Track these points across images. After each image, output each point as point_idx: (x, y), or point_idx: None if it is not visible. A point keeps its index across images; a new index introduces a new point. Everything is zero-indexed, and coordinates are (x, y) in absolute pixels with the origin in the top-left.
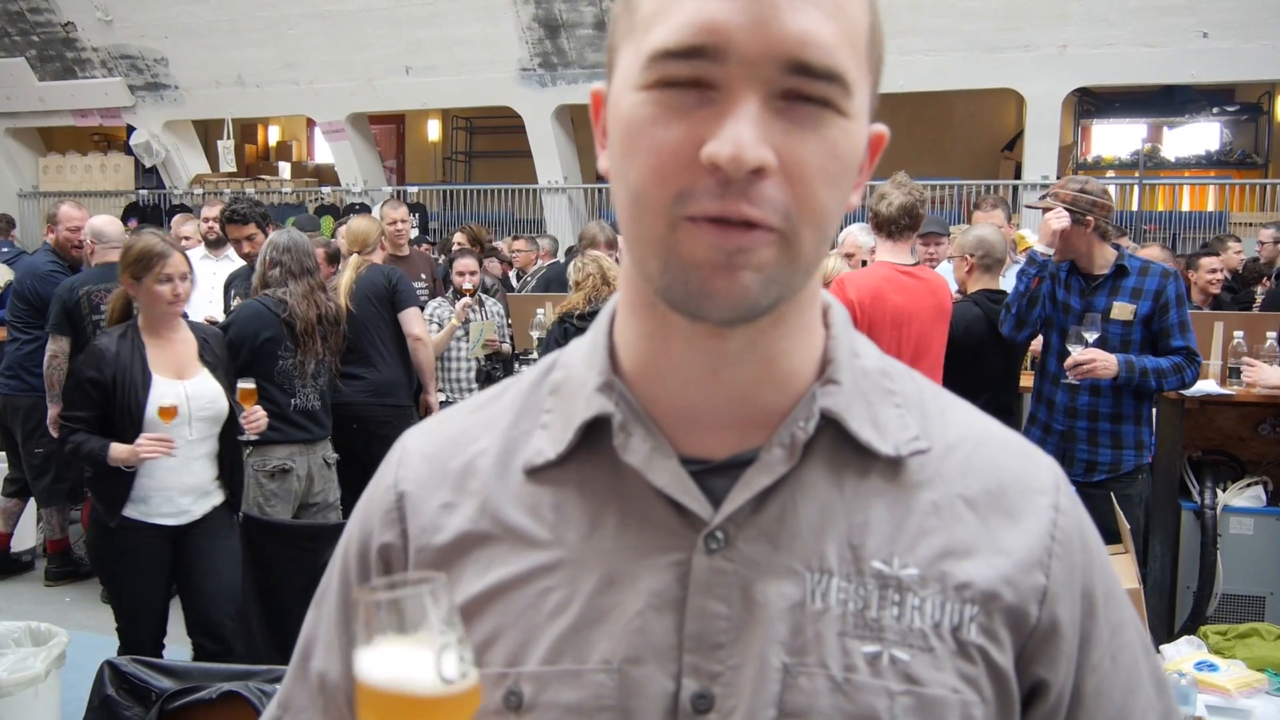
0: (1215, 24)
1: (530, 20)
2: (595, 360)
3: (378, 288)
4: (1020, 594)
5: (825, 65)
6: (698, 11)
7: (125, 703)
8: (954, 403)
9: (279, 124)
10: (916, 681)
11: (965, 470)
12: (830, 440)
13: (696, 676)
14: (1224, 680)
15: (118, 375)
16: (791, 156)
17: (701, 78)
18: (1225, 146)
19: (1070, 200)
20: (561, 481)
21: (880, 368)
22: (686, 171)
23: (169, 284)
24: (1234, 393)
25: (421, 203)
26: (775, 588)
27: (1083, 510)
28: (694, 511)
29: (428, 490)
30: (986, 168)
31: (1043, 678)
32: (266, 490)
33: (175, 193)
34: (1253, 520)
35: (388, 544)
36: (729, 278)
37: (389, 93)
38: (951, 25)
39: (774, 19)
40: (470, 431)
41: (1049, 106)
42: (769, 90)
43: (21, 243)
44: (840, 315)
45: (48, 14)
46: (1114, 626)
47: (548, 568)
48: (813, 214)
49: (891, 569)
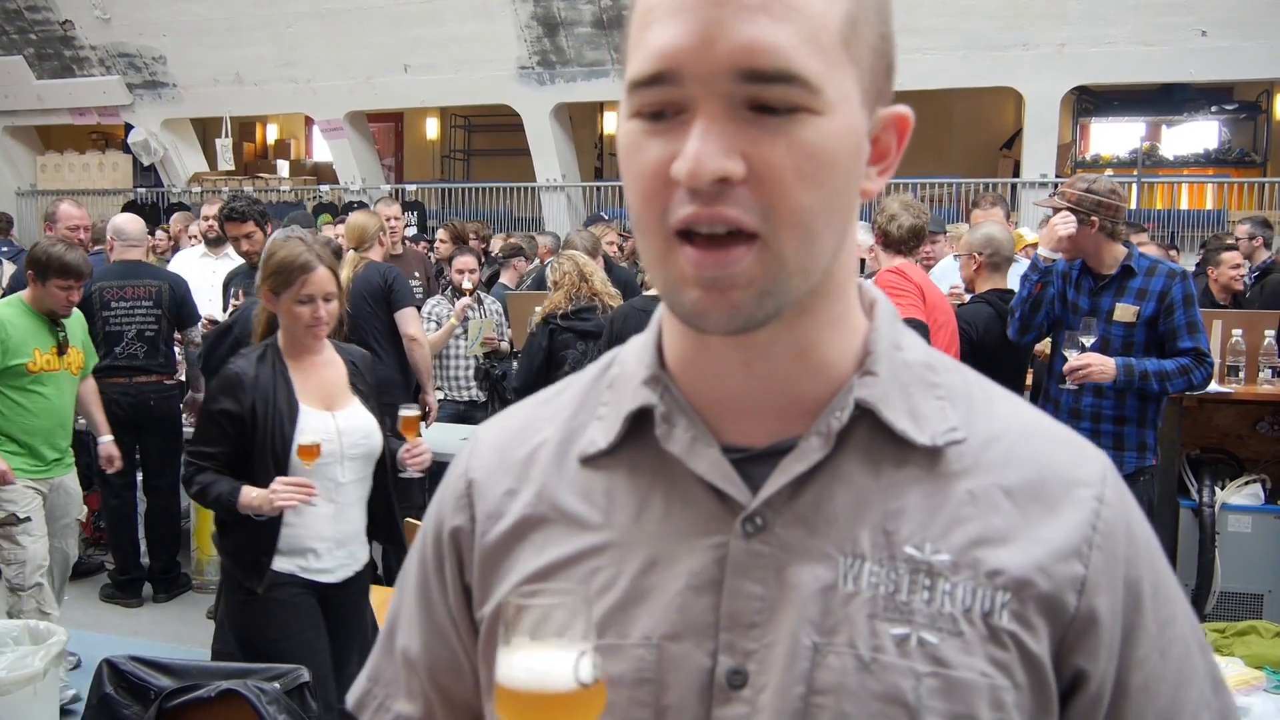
0: (1214, 23)
1: (529, 19)
2: (645, 355)
3: (374, 287)
4: (1056, 583)
5: (776, 69)
6: (655, 40)
7: (124, 701)
8: (1002, 395)
9: (277, 122)
10: (944, 664)
11: (1006, 461)
12: (867, 430)
13: (731, 654)
14: None
15: (258, 405)
16: (761, 161)
17: (670, 101)
18: (1224, 145)
19: (1075, 200)
20: (612, 469)
21: (925, 360)
22: (666, 189)
23: (309, 305)
24: (1232, 391)
25: (420, 201)
26: (809, 570)
27: (1132, 504)
28: (733, 497)
29: (494, 478)
30: (985, 166)
31: (1083, 668)
32: None
33: (173, 191)
34: (1251, 518)
35: (458, 527)
36: (719, 298)
37: (387, 91)
38: (950, 24)
39: (721, 35)
40: (535, 423)
41: (1048, 105)
42: (731, 101)
43: (20, 241)
44: (885, 310)
45: (45, 12)
46: (1163, 621)
47: (597, 549)
48: (791, 214)
49: (923, 554)
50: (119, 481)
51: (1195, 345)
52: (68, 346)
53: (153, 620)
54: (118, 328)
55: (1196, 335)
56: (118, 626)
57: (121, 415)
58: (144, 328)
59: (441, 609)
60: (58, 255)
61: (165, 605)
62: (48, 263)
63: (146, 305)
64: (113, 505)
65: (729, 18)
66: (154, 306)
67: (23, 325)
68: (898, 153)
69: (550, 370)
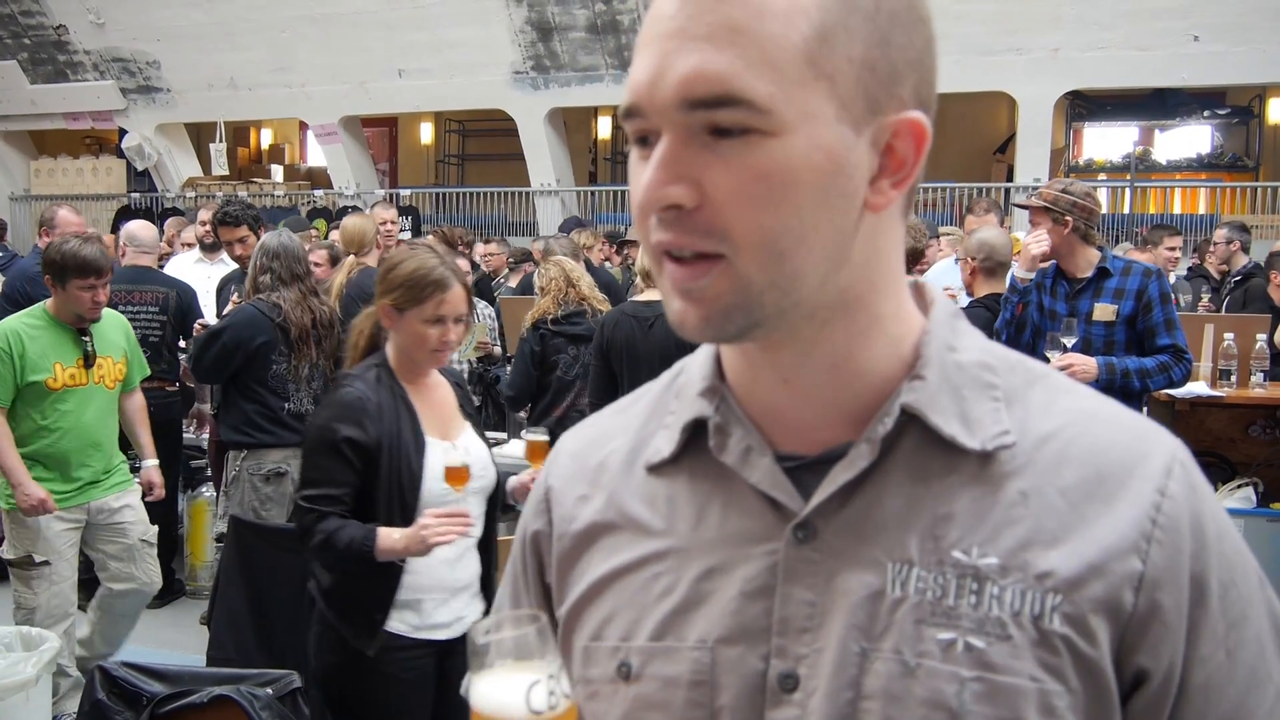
0: (1206, 28)
1: (523, 23)
2: (705, 366)
3: (368, 292)
4: (1110, 582)
5: (713, 95)
6: (631, 75)
7: (116, 706)
8: (1067, 388)
9: (271, 127)
10: (990, 668)
11: (1061, 459)
12: (917, 435)
13: (783, 658)
14: None
15: (384, 435)
16: (714, 187)
17: (646, 131)
18: (1216, 149)
19: (1051, 200)
20: (675, 476)
21: (981, 360)
22: (645, 214)
23: (440, 327)
24: (1224, 395)
25: (414, 205)
26: (857, 577)
27: (1205, 496)
28: (785, 505)
29: (569, 484)
30: (979, 171)
31: (1144, 666)
32: (262, 494)
33: (167, 196)
34: (1243, 521)
35: (538, 531)
36: (693, 309)
37: (381, 96)
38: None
39: (668, 68)
40: (610, 431)
41: (1041, 110)
42: (688, 130)
43: (13, 246)
44: (942, 310)
45: (39, 17)
46: (1233, 620)
47: (659, 555)
48: (747, 236)
49: (971, 558)
50: None
51: (1173, 342)
52: (96, 358)
53: (146, 627)
54: None
55: (1174, 332)
56: None
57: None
58: (149, 333)
59: (526, 607)
60: (73, 252)
61: (159, 611)
62: (63, 262)
63: (152, 311)
64: None
65: (674, 50)
66: (160, 313)
67: (43, 338)
68: (916, 162)
69: (542, 375)
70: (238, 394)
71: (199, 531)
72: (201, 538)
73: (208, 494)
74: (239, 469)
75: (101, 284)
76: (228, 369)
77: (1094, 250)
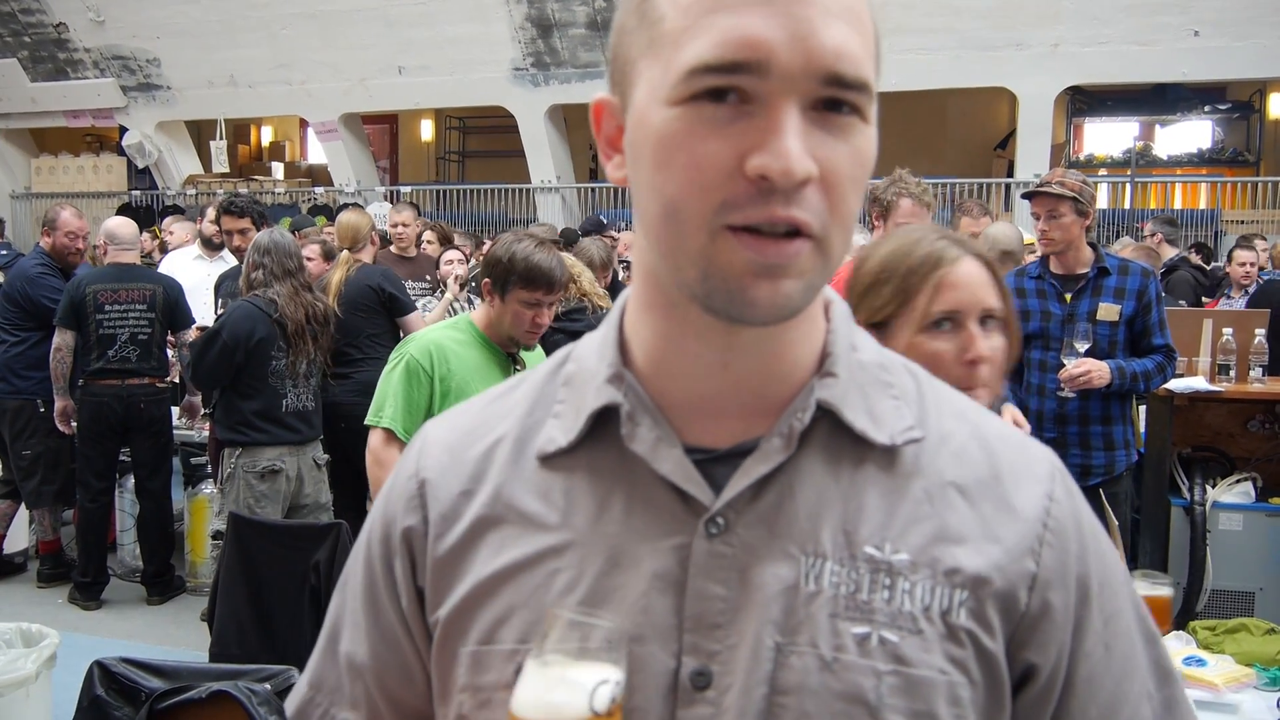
0: (1207, 22)
1: (523, 20)
2: (606, 353)
3: (368, 291)
4: (1010, 580)
5: (857, 76)
6: (736, 28)
7: (115, 703)
8: (950, 395)
9: (272, 124)
10: (904, 662)
11: (959, 459)
12: (827, 430)
13: (696, 655)
14: (1212, 675)
15: None
16: (828, 165)
17: (739, 90)
18: (1217, 144)
19: (1078, 190)
20: (572, 468)
21: (878, 361)
22: (730, 183)
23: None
24: (1223, 389)
25: (415, 203)
26: (771, 571)
27: (1080, 500)
28: (696, 497)
29: (447, 478)
30: (979, 166)
31: (1033, 662)
32: (256, 491)
33: (168, 194)
34: (1242, 516)
35: (410, 527)
36: (772, 286)
37: (382, 93)
38: (944, 24)
39: (811, 34)
40: (488, 422)
41: (1041, 105)
42: (805, 102)
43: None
44: (841, 310)
45: (39, 14)
46: (1109, 615)
47: (557, 550)
48: (843, 218)
49: (883, 554)
50: (97, 486)
51: (1166, 342)
52: None
53: (146, 623)
54: (111, 331)
55: (1165, 332)
56: (111, 629)
57: (112, 418)
58: (137, 331)
59: (392, 613)
60: (524, 256)
61: (159, 608)
62: (511, 266)
63: (140, 309)
64: (87, 509)
65: (816, 18)
66: (147, 310)
67: (471, 359)
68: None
69: None
70: (235, 392)
71: (199, 528)
72: (202, 534)
73: (208, 491)
74: (234, 466)
75: (550, 302)
76: (230, 369)
77: (1088, 247)
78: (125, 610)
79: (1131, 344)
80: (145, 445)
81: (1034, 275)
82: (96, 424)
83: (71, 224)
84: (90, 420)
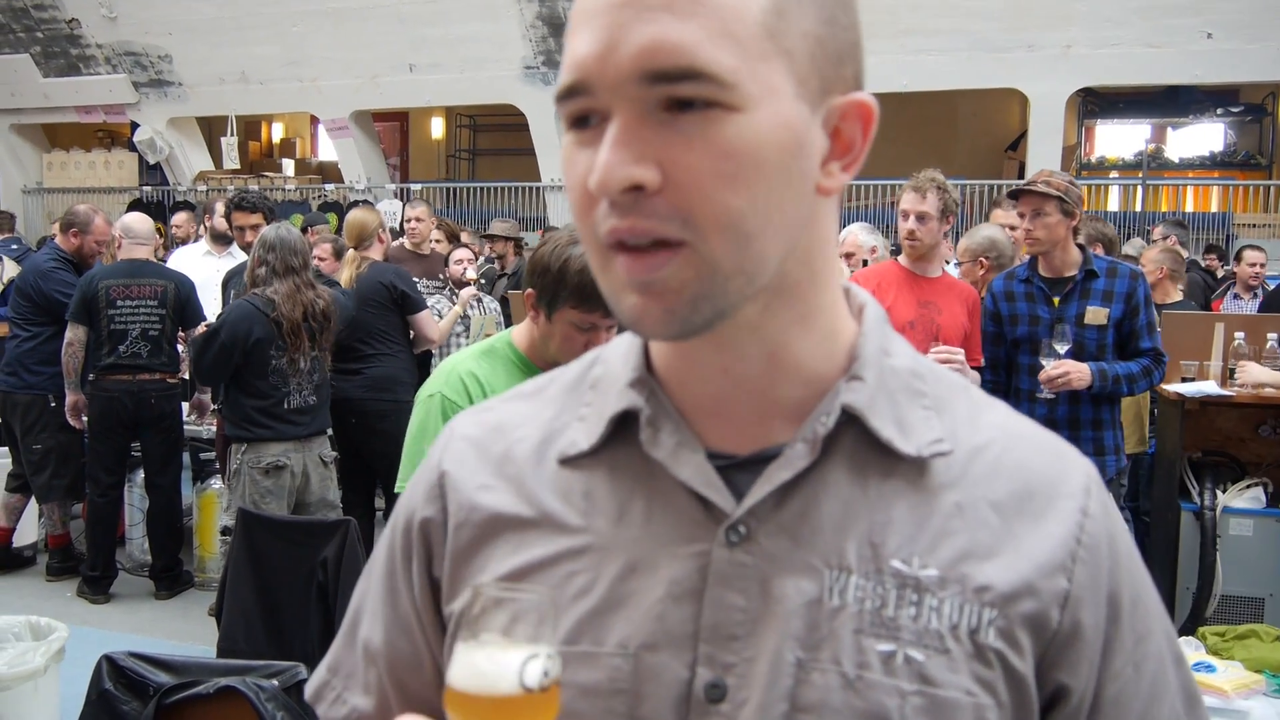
0: (1220, 25)
1: (534, 18)
2: (631, 357)
3: (380, 288)
4: (1041, 599)
5: (679, 67)
6: (572, 50)
7: (123, 697)
8: (989, 404)
9: (283, 121)
10: (930, 682)
11: (992, 473)
12: (854, 438)
13: (711, 666)
14: (1222, 681)
15: None
16: (676, 166)
17: (592, 110)
18: (1229, 147)
19: (1064, 190)
20: (593, 470)
21: (911, 368)
22: (592, 201)
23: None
24: (1234, 394)
25: (425, 201)
26: (793, 583)
27: (1116, 515)
28: (717, 504)
29: (468, 471)
30: (990, 168)
31: (1064, 683)
32: (261, 487)
33: (179, 189)
34: (1252, 522)
35: (428, 519)
36: (654, 304)
37: (393, 90)
38: (956, 25)
39: (622, 39)
40: (514, 420)
41: (1053, 107)
42: (643, 106)
43: (26, 238)
44: (874, 313)
45: (52, 10)
46: (1139, 635)
47: (575, 552)
48: (716, 218)
49: (911, 569)
50: (107, 480)
51: (1154, 346)
52: None
53: (155, 618)
54: (122, 326)
55: (1154, 335)
56: (120, 623)
57: (123, 413)
58: (148, 327)
59: (407, 602)
60: (579, 266)
61: (167, 603)
62: (562, 278)
63: (151, 305)
64: (97, 503)
65: (631, 20)
66: (159, 306)
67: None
68: (864, 145)
69: None
70: (238, 389)
71: (208, 523)
72: (210, 530)
73: (217, 486)
74: (240, 462)
75: (608, 325)
76: (229, 368)
77: (1076, 249)
78: (134, 604)
79: (1120, 347)
80: (155, 440)
81: (1022, 278)
82: (107, 419)
83: (104, 230)
84: (101, 415)
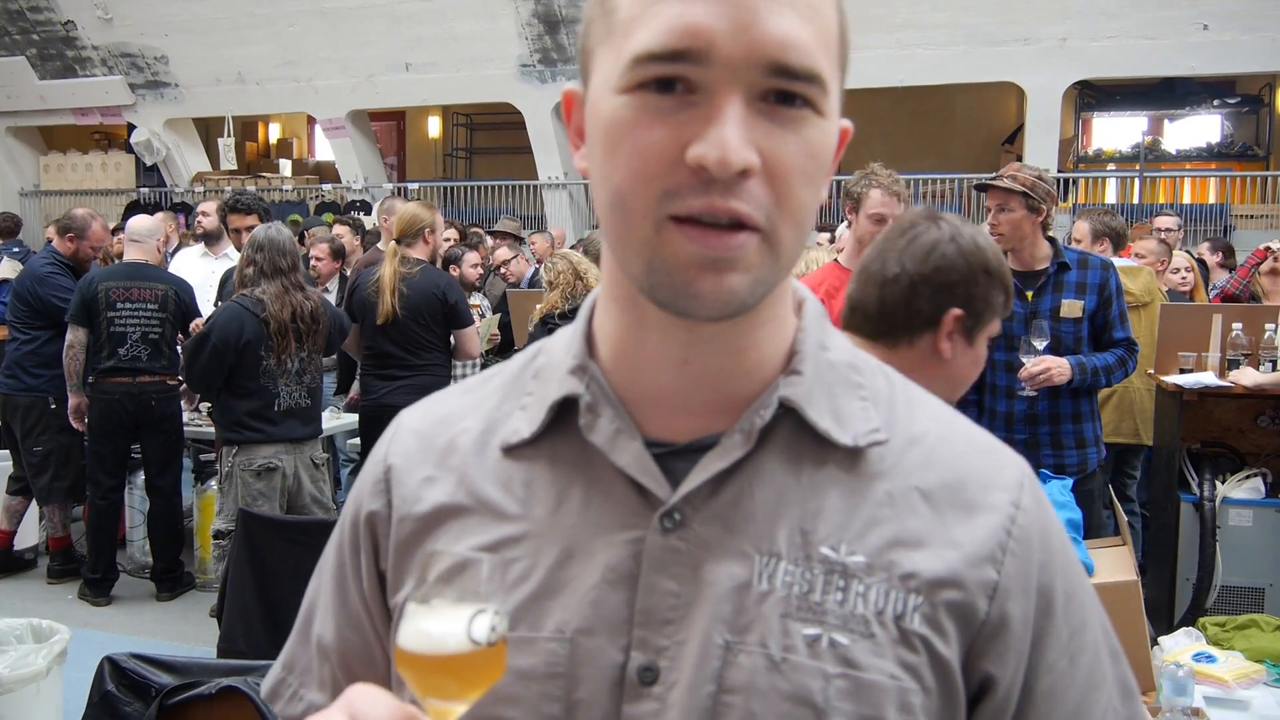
0: (1215, 16)
1: (530, 16)
2: (573, 345)
3: (434, 301)
4: (969, 588)
5: (805, 67)
6: (680, 15)
7: (125, 698)
8: (924, 398)
9: (279, 121)
10: (854, 665)
11: (925, 463)
12: (790, 429)
13: (644, 650)
14: (1222, 671)
15: None
16: (773, 157)
17: (684, 79)
18: (1226, 139)
19: (1029, 186)
20: (534, 459)
21: (849, 361)
22: (671, 172)
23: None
24: (1233, 385)
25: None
26: (724, 568)
27: (1048, 510)
28: (653, 491)
29: (413, 464)
30: (987, 161)
31: (991, 673)
32: (254, 489)
33: (176, 191)
34: (1252, 512)
35: (374, 512)
36: (716, 280)
37: (389, 90)
38: (952, 19)
39: (755, 23)
40: (459, 411)
41: (1049, 100)
42: (751, 92)
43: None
44: (813, 308)
45: (48, 12)
46: (1075, 628)
47: (514, 539)
48: (792, 212)
49: (839, 555)
50: (108, 483)
51: (1127, 335)
52: None
53: (156, 619)
54: (122, 329)
55: (1126, 325)
56: (121, 625)
57: (123, 415)
58: (148, 330)
59: (356, 596)
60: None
61: (168, 604)
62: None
63: (151, 308)
64: (97, 505)
65: (762, 7)
66: (159, 310)
67: None
68: (835, 162)
69: None
70: (229, 392)
71: (209, 525)
72: (210, 531)
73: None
74: (232, 464)
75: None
76: (222, 372)
77: (1046, 242)
78: (135, 606)
79: (1094, 338)
80: (155, 442)
81: None
82: (107, 421)
83: (101, 235)
84: (101, 417)
